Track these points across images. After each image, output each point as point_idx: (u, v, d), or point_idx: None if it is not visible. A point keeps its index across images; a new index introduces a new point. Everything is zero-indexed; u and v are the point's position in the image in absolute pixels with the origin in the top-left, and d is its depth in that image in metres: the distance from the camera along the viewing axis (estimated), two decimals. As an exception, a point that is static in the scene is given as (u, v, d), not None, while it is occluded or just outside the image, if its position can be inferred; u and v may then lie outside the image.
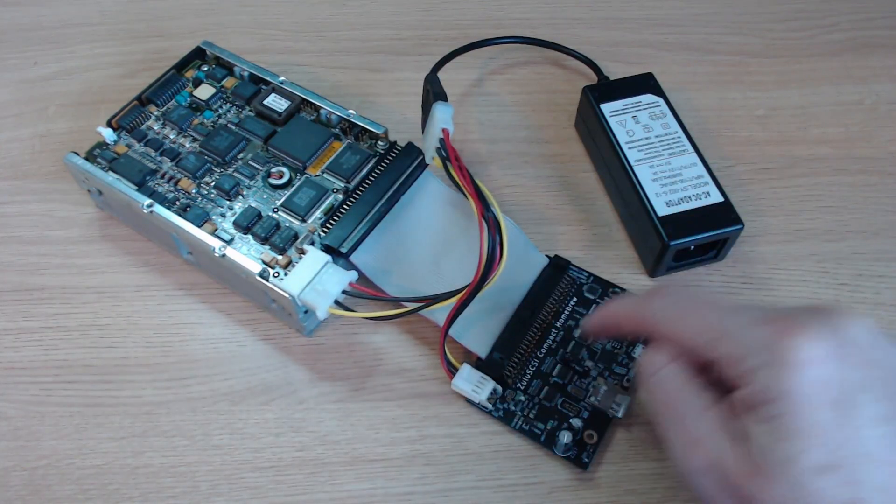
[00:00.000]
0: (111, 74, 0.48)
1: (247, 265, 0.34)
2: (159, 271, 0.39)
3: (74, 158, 0.37)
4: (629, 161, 0.39)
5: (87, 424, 0.34)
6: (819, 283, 0.39)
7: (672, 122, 0.40)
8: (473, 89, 0.47)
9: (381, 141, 0.39)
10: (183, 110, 0.40)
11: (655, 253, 0.37)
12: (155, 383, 0.35)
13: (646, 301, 0.29)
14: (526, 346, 0.35)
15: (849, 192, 0.42)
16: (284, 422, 0.34)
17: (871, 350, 0.23)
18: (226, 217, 0.37)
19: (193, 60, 0.43)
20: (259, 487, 0.33)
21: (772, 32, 0.51)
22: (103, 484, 0.33)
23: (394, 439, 0.34)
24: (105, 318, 0.37)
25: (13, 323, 0.37)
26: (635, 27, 0.51)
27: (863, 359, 0.23)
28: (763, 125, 0.45)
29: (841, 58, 0.49)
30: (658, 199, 0.37)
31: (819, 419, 0.22)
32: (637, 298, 0.30)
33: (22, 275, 0.39)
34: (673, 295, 0.28)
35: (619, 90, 0.42)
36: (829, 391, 0.22)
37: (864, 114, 0.46)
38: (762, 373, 0.23)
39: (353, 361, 0.36)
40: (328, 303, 0.33)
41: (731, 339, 0.24)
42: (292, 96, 0.40)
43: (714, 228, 0.36)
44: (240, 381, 0.35)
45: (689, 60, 0.49)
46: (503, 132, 0.45)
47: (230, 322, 0.37)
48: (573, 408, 0.34)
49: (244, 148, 0.39)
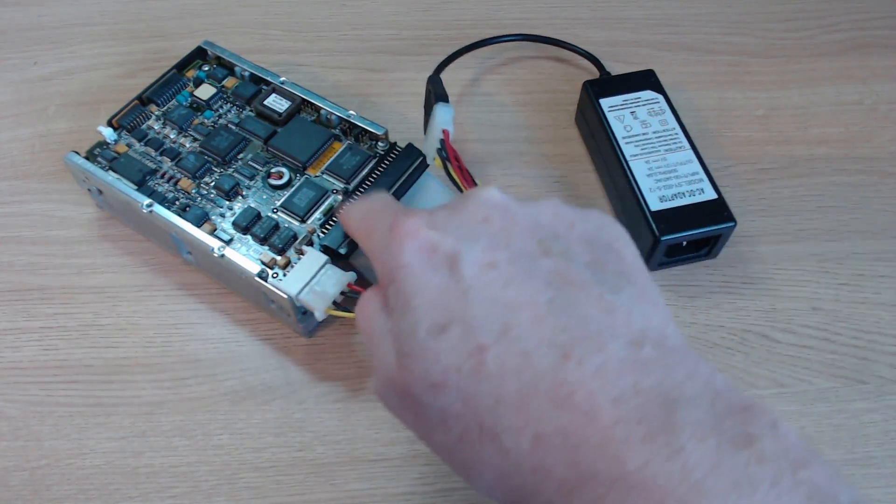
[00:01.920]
0: (111, 74, 0.48)
1: (246, 266, 0.34)
2: (159, 271, 0.39)
3: (74, 158, 0.38)
4: (625, 156, 0.39)
5: (87, 424, 0.34)
6: (819, 283, 0.39)
7: (670, 119, 0.40)
8: (473, 89, 0.47)
9: (382, 142, 0.39)
10: (183, 110, 0.40)
11: (647, 247, 0.37)
12: (155, 383, 0.35)
13: (348, 210, 0.29)
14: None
15: (849, 192, 0.42)
16: (284, 422, 0.34)
17: (474, 212, 0.23)
18: (225, 217, 0.37)
19: (194, 60, 0.43)
20: (259, 487, 0.33)
21: (771, 32, 0.51)
22: (103, 484, 0.33)
23: (394, 439, 0.34)
24: (105, 318, 0.38)
25: (13, 323, 0.37)
26: (635, 27, 0.51)
27: (461, 221, 0.23)
28: (763, 125, 0.45)
29: (841, 58, 0.49)
30: (651, 193, 0.37)
31: (425, 283, 0.22)
32: (352, 206, 0.29)
33: (22, 275, 0.39)
34: (361, 205, 0.28)
35: (619, 86, 0.42)
36: (431, 257, 0.22)
37: (864, 114, 0.46)
38: (382, 256, 0.24)
39: (353, 361, 0.36)
40: (326, 304, 0.33)
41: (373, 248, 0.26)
42: (293, 96, 0.40)
43: (706, 225, 0.37)
44: (240, 381, 0.35)
45: (689, 60, 0.49)
46: (503, 132, 0.45)
47: (230, 322, 0.37)
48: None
49: (244, 148, 0.39)
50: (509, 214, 0.23)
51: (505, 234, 0.23)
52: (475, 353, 0.21)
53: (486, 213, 0.23)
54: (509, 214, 0.23)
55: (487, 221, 0.23)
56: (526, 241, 0.23)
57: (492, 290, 0.21)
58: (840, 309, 0.38)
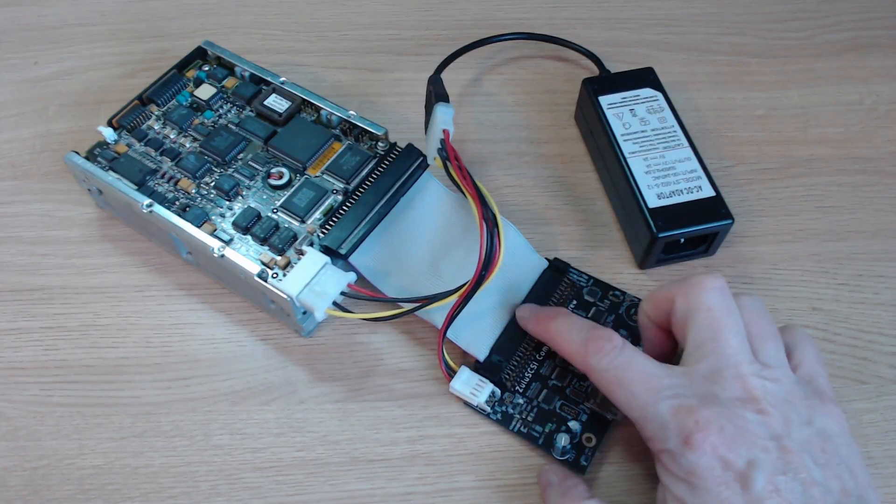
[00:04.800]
0: (111, 74, 0.48)
1: (245, 266, 0.34)
2: (159, 271, 0.39)
3: (75, 158, 0.38)
4: (623, 153, 0.39)
5: (87, 424, 0.34)
6: (819, 283, 0.39)
7: (669, 117, 0.40)
8: (473, 89, 0.47)
9: (382, 142, 0.39)
10: (183, 110, 0.40)
11: (645, 244, 0.37)
12: (155, 383, 0.36)
13: (585, 354, 0.31)
14: (525, 349, 0.35)
15: (849, 192, 0.42)
16: (284, 422, 0.34)
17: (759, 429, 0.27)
18: (225, 217, 0.37)
19: (195, 60, 0.43)
20: (259, 487, 0.33)
21: (772, 32, 0.51)
22: (103, 484, 0.33)
23: (394, 439, 0.34)
24: (105, 318, 0.38)
25: (13, 323, 0.37)
26: (635, 27, 0.51)
27: (757, 443, 0.27)
28: (763, 125, 0.45)
29: (841, 58, 0.49)
30: (650, 190, 0.37)
31: (719, 497, 0.26)
32: (578, 344, 0.31)
33: (22, 275, 0.39)
34: (608, 356, 0.30)
35: (618, 83, 0.42)
36: (728, 471, 0.27)
37: (863, 114, 0.46)
38: (677, 455, 0.27)
39: (353, 362, 0.36)
40: (326, 304, 0.33)
41: (652, 424, 0.29)
42: (293, 97, 0.40)
43: (704, 222, 0.37)
44: (240, 381, 0.36)
45: (689, 60, 0.49)
46: (503, 132, 0.45)
47: (230, 322, 0.37)
48: (572, 411, 0.34)
49: (244, 148, 0.39)
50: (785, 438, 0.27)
51: (784, 454, 0.27)
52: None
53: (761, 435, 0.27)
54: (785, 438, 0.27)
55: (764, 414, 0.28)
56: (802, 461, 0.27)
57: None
58: (840, 309, 0.38)
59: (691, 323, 0.30)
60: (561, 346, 0.32)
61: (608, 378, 0.30)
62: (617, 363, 0.30)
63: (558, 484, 0.31)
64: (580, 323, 0.32)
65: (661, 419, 0.28)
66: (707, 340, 0.29)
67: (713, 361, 0.29)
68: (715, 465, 0.27)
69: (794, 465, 0.27)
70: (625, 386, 0.29)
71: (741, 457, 0.27)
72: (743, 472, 0.26)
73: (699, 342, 0.29)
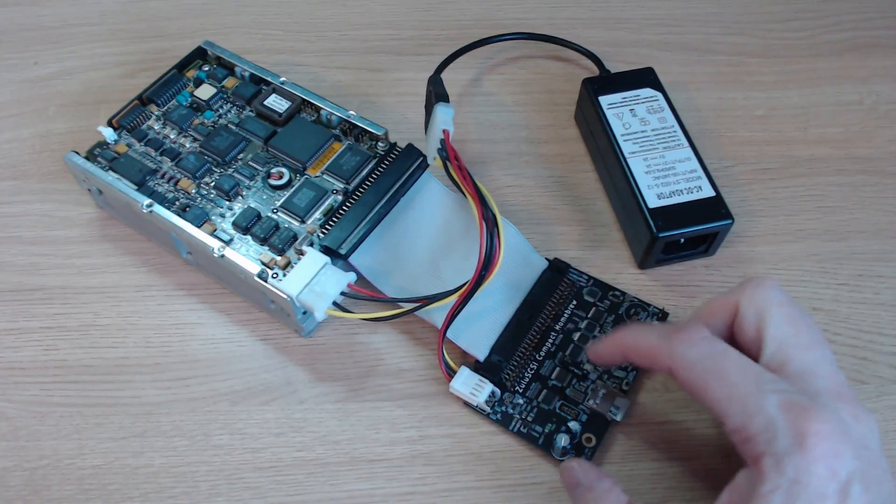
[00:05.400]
0: (111, 74, 0.48)
1: (245, 266, 0.34)
2: (159, 271, 0.39)
3: (75, 158, 0.38)
4: (623, 153, 0.39)
5: (87, 424, 0.34)
6: (819, 283, 0.39)
7: (669, 117, 0.40)
8: (473, 89, 0.47)
9: (382, 142, 0.39)
10: (184, 110, 0.40)
11: (644, 244, 0.37)
12: (155, 383, 0.36)
13: (671, 346, 0.28)
14: (525, 349, 0.35)
15: (849, 192, 0.42)
16: (284, 422, 0.34)
17: (863, 441, 0.26)
18: (225, 217, 0.37)
19: (195, 60, 0.43)
20: (259, 487, 0.33)
21: (772, 32, 0.51)
22: (103, 484, 0.33)
23: (394, 439, 0.34)
24: (105, 318, 0.38)
25: (13, 323, 0.37)
26: (635, 27, 0.51)
27: (856, 452, 0.25)
28: (763, 125, 0.45)
29: (841, 58, 0.49)
30: (650, 191, 0.37)
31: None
32: (659, 338, 0.29)
33: (22, 275, 0.39)
34: (698, 347, 0.28)
35: (618, 83, 0.42)
36: (833, 480, 0.24)
37: (863, 114, 0.46)
38: (783, 458, 0.25)
39: (353, 362, 0.36)
40: (326, 304, 0.33)
41: (758, 420, 0.26)
42: (293, 97, 0.40)
43: (704, 222, 0.37)
44: (240, 381, 0.36)
45: (689, 60, 0.49)
46: (503, 132, 0.45)
47: (230, 322, 0.37)
48: (572, 411, 0.34)
49: (244, 148, 0.39)
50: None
51: (869, 466, 0.25)
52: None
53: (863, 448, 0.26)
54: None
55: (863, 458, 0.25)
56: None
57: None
58: (840, 309, 0.38)
59: (767, 321, 0.28)
60: (639, 348, 0.29)
61: (701, 369, 0.27)
62: (712, 352, 0.27)
63: (589, 487, 0.29)
64: (655, 325, 0.30)
65: (769, 415, 0.25)
66: (789, 336, 0.28)
67: (803, 357, 0.27)
68: (825, 473, 0.24)
69: (879, 477, 0.25)
70: (723, 376, 0.26)
71: (845, 467, 0.24)
72: (844, 484, 0.24)
73: (780, 339, 0.28)
